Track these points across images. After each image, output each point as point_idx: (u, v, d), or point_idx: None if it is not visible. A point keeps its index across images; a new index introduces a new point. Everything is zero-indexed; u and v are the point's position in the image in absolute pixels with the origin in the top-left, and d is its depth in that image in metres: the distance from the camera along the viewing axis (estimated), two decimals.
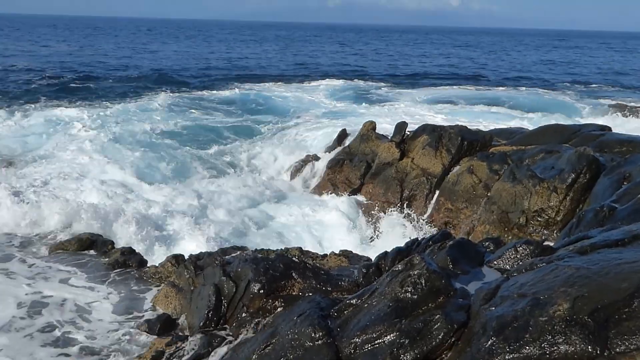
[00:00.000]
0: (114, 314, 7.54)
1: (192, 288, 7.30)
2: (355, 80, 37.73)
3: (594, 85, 38.13)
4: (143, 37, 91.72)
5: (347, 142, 19.71)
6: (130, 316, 7.47)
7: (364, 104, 29.21)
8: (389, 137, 18.06)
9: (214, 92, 33.04)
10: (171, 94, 30.87)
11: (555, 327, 3.74)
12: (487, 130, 18.07)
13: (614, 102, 30.44)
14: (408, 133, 17.68)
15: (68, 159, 17.06)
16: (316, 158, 19.91)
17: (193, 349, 6.22)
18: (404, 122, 18.75)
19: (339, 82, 35.86)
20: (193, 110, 26.02)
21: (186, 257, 8.60)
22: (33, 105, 26.75)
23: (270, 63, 51.91)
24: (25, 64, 42.81)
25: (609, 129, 15.37)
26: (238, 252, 8.29)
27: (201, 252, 8.73)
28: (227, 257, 7.97)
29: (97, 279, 8.63)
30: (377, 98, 30.98)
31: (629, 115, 26.72)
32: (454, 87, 36.01)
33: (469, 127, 17.57)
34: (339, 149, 19.60)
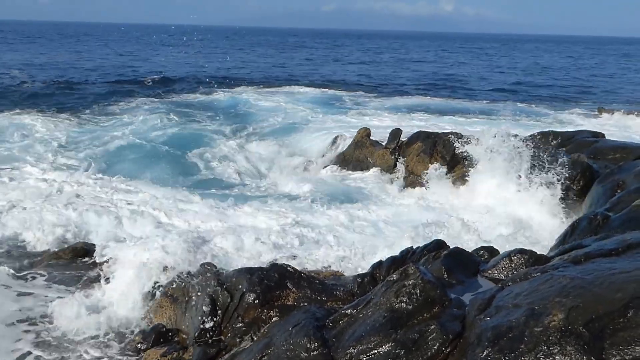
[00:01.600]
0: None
1: (186, 298, 7.27)
2: (332, 89, 36.70)
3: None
4: (132, 42, 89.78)
5: (341, 148, 19.73)
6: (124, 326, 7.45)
7: (341, 112, 28.30)
8: (384, 144, 18.08)
9: (198, 96, 32.18)
10: (152, 99, 29.90)
11: (550, 338, 3.74)
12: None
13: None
14: (403, 139, 17.71)
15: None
16: (309, 163, 19.89)
17: None
18: (399, 128, 18.78)
19: (316, 91, 34.83)
20: (174, 116, 25.08)
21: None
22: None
23: (254, 69, 51.00)
24: None
25: (603, 135, 15.43)
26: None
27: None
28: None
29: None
30: (352, 107, 30.00)
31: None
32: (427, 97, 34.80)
33: (463, 134, 17.61)
34: (331, 154, 19.64)
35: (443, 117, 26.55)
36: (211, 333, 6.47)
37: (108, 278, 8.19)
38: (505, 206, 12.02)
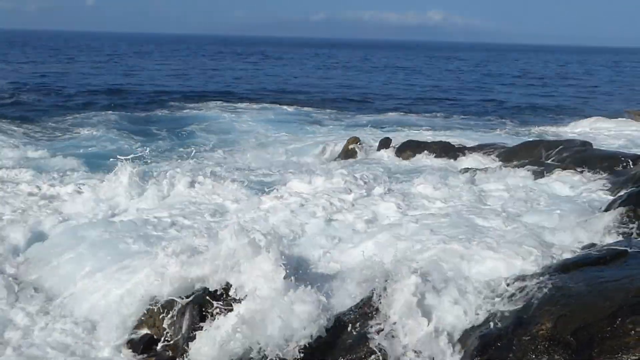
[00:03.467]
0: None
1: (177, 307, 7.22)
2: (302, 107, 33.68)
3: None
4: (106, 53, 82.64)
5: (329, 156, 19.71)
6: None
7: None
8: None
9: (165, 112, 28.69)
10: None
11: (539, 347, 3.76)
12: (471, 146, 18.17)
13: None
14: (393, 147, 17.75)
15: None
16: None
17: None
18: (388, 137, 18.83)
19: (289, 108, 31.97)
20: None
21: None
22: None
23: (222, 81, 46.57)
24: None
25: (590, 145, 15.51)
26: None
27: None
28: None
29: None
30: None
31: None
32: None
33: (452, 143, 17.67)
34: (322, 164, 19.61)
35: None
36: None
37: None
38: None
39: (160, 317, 6.30)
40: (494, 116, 29.15)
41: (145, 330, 6.74)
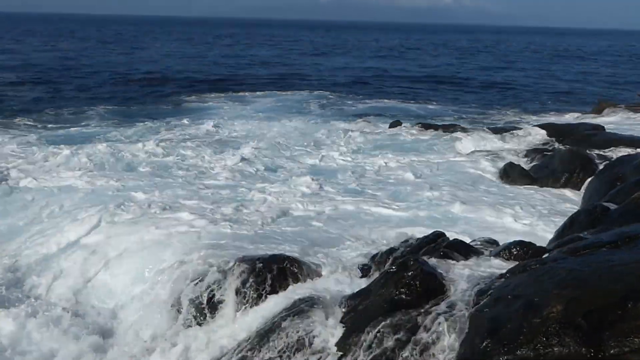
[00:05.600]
0: None
1: None
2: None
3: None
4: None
5: None
6: None
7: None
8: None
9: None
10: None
11: (549, 329, 3.76)
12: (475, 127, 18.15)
13: None
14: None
15: None
16: None
17: None
18: (398, 121, 18.84)
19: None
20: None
21: None
22: None
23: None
24: None
25: (602, 128, 15.43)
26: None
27: None
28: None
29: None
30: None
31: None
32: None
33: (461, 126, 17.68)
34: None
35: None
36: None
37: None
38: None
39: None
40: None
41: None
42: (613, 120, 19.17)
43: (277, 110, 25.86)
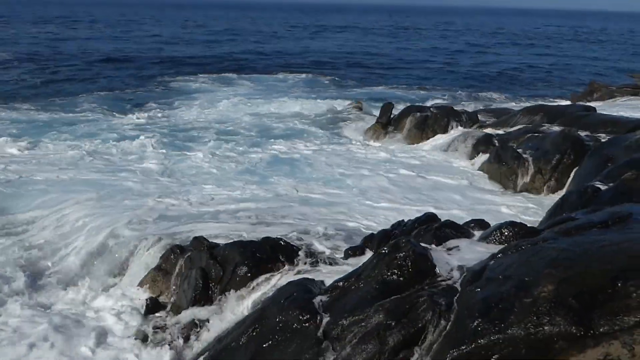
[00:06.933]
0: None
1: (178, 272, 7.29)
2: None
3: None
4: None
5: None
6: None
7: None
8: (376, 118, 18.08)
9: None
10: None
11: (540, 309, 3.78)
12: (472, 110, 18.10)
13: None
14: (394, 114, 17.70)
15: None
16: None
17: (180, 330, 6.24)
18: (390, 102, 18.75)
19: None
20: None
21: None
22: None
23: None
24: None
25: (594, 109, 15.45)
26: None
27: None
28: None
29: None
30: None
31: None
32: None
33: (454, 108, 17.62)
34: None
35: None
36: (203, 305, 6.50)
37: None
38: None
39: None
40: None
41: None
42: (604, 102, 19.22)
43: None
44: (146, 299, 7.12)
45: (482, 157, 13.64)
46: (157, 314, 6.86)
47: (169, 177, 12.75)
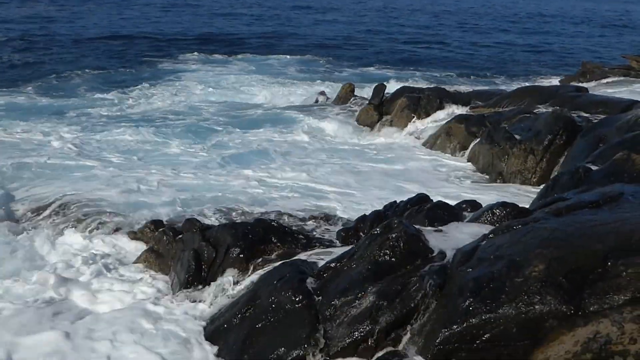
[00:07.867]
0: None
1: (171, 254, 7.29)
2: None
3: None
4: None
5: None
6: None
7: None
8: (368, 100, 18.03)
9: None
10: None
11: (531, 288, 3.81)
12: (465, 92, 18.06)
13: None
14: (387, 95, 17.65)
15: None
16: None
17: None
18: (383, 84, 18.69)
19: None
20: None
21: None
22: None
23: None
24: None
25: (586, 90, 15.45)
26: None
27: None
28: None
29: None
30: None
31: None
32: None
33: (447, 89, 17.59)
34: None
35: None
36: (196, 287, 6.51)
37: None
38: None
39: None
40: None
41: None
42: (597, 83, 19.24)
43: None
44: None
45: (474, 140, 13.64)
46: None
47: (144, 162, 12.51)
